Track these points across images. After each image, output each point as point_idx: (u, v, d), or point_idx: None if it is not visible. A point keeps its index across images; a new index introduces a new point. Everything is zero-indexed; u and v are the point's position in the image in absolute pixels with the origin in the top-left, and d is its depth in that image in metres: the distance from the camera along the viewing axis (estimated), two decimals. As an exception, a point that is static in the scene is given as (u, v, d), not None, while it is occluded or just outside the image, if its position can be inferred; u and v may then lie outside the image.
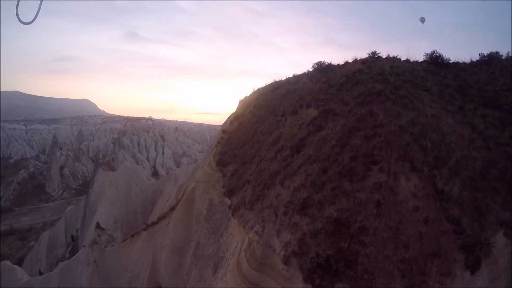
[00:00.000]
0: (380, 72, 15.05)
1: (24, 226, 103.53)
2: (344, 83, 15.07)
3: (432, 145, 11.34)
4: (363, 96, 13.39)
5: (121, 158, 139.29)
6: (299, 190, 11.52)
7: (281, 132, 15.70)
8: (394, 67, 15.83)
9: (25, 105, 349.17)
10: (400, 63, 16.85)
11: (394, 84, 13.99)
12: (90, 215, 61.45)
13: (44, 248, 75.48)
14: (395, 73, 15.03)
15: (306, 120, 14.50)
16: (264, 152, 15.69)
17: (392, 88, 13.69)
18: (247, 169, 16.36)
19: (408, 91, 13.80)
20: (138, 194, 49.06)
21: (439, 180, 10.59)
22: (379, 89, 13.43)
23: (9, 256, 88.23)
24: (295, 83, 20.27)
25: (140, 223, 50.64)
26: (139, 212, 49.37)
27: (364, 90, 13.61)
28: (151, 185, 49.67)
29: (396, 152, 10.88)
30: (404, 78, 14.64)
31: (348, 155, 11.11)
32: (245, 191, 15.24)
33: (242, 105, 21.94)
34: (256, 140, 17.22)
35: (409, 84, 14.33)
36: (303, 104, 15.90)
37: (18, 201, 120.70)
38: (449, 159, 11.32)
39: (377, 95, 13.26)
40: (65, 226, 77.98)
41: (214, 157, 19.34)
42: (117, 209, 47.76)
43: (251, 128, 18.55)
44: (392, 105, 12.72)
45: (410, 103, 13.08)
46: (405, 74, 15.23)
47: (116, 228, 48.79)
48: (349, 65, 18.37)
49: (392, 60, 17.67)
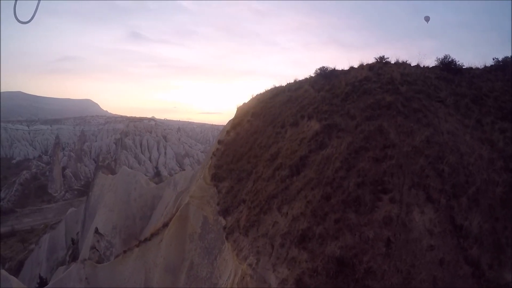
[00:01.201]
0: (390, 81, 13.52)
1: (25, 228, 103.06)
2: (350, 93, 13.58)
3: (449, 169, 9.82)
4: (371, 109, 11.89)
5: (123, 159, 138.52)
6: (298, 220, 10.10)
7: (280, 146, 14.26)
8: (404, 75, 14.29)
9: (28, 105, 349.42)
10: (410, 70, 15.29)
11: (406, 95, 12.46)
12: (90, 219, 60.50)
13: (44, 251, 74.81)
14: (406, 82, 13.49)
15: (308, 134, 13.04)
16: (261, 169, 14.27)
17: (403, 99, 12.17)
18: (243, 187, 14.99)
19: (421, 103, 12.29)
20: (137, 199, 47.88)
21: (457, 212, 9.08)
22: (389, 101, 11.92)
23: (10, 259, 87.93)
24: (296, 90, 18.80)
25: (139, 228, 49.56)
26: (138, 218, 48.24)
27: (372, 102, 12.11)
28: (150, 190, 48.46)
29: (410, 178, 9.38)
30: (417, 88, 13.11)
31: (354, 181, 9.63)
32: (240, 212, 13.92)
33: (239, 112, 20.51)
34: (253, 154, 15.80)
35: (422, 95, 12.80)
36: (304, 115, 14.45)
37: (20, 202, 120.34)
38: (468, 185, 9.80)
39: (387, 108, 11.75)
40: (66, 229, 77.21)
41: (209, 171, 17.97)
42: (115, 215, 46.62)
43: (248, 139, 17.12)
44: (404, 121, 11.21)
45: (424, 118, 11.56)
46: (417, 82, 13.69)
47: (114, 234, 47.74)
48: (354, 71, 16.88)
49: (402, 66, 16.14)
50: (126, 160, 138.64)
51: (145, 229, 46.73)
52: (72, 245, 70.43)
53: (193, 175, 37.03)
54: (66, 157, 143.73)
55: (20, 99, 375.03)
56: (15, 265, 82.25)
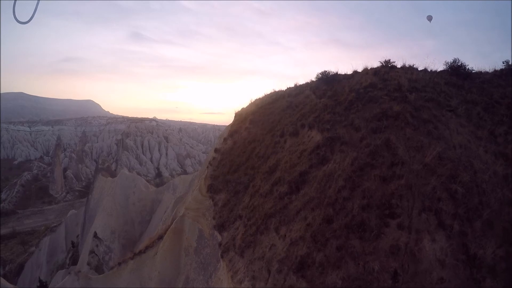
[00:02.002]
0: (397, 88, 12.53)
1: (26, 229, 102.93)
2: (354, 101, 12.60)
3: (463, 189, 8.83)
4: (378, 119, 10.92)
5: (124, 159, 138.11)
6: (297, 244, 9.18)
7: (278, 158, 13.34)
8: (412, 81, 13.31)
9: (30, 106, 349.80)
10: (418, 75, 14.29)
11: (415, 103, 11.47)
12: (90, 222, 59.89)
13: (44, 254, 74.48)
14: (415, 89, 12.51)
15: (308, 146, 12.10)
16: (259, 182, 13.36)
17: (412, 109, 11.19)
18: (239, 201, 14.09)
19: (431, 113, 11.31)
20: (135, 203, 47.09)
21: (471, 239, 8.11)
22: (397, 110, 10.94)
23: (10, 261, 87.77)
24: (297, 96, 17.86)
25: (138, 233, 48.77)
26: (137, 222, 47.45)
27: (379, 112, 11.13)
28: (149, 194, 47.64)
29: (420, 201, 8.43)
30: (426, 96, 12.12)
31: (359, 203, 8.69)
32: (236, 228, 13.06)
33: (237, 118, 19.58)
34: (251, 165, 14.88)
35: (432, 104, 11.82)
36: (305, 124, 13.50)
37: (21, 203, 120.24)
38: (482, 207, 8.81)
39: (395, 118, 10.78)
40: (66, 232, 76.83)
41: (205, 182, 17.07)
42: (114, 220, 45.86)
43: (246, 149, 16.21)
44: (413, 133, 10.25)
45: (435, 130, 10.59)
46: (426, 89, 12.70)
47: (113, 239, 47.00)
48: (358, 76, 15.91)
49: (409, 70, 15.16)
50: (127, 161, 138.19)
51: (144, 234, 45.98)
52: (72, 248, 69.92)
53: (192, 179, 36.16)
54: (67, 158, 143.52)
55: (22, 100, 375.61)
56: (15, 268, 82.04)
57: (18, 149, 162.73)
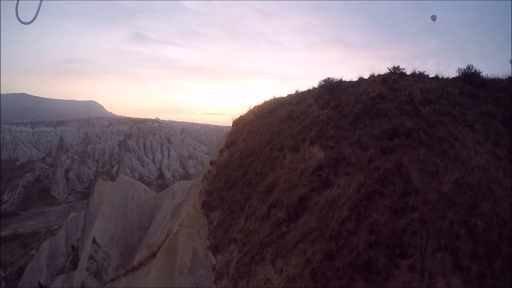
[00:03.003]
0: (409, 99, 11.31)
1: (28, 231, 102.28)
2: (361, 114, 11.40)
3: (483, 223, 7.62)
4: (388, 137, 9.72)
5: (127, 161, 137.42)
6: (295, 281, 8.05)
7: (277, 176, 12.17)
8: (425, 91, 12.07)
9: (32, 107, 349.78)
10: (431, 84, 13.02)
11: (429, 118, 10.27)
12: (90, 226, 58.99)
13: (44, 257, 73.68)
14: (428, 101, 11.30)
15: (310, 164, 10.93)
16: (255, 203, 12.22)
17: (426, 125, 9.99)
18: (234, 222, 12.97)
19: (447, 129, 10.11)
20: (134, 209, 46.05)
21: (489, 281, 6.92)
22: (410, 127, 9.74)
23: (11, 264, 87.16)
24: (298, 104, 16.67)
25: (137, 239, 47.72)
26: (136, 228, 46.41)
27: (389, 128, 9.93)
28: (148, 200, 46.58)
29: (435, 238, 7.25)
30: (441, 109, 10.92)
31: (365, 238, 7.53)
32: (230, 252, 11.98)
33: (235, 128, 18.42)
34: (247, 181, 13.73)
35: (447, 118, 10.61)
36: (306, 139, 12.33)
37: (23, 204, 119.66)
38: (502, 242, 7.61)
39: (407, 136, 9.58)
40: (66, 235, 76.02)
41: (200, 197, 15.97)
42: (112, 226, 44.85)
43: (243, 163, 15.05)
44: (428, 154, 9.05)
45: (451, 150, 9.39)
46: (441, 101, 11.48)
47: (112, 246, 46.00)
48: (365, 84, 14.68)
49: (420, 78, 13.91)
50: (130, 162, 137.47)
51: (143, 240, 44.95)
52: (73, 251, 69.14)
53: (191, 186, 35.07)
54: (69, 159, 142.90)
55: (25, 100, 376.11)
56: (15, 271, 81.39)
57: (20, 150, 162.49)
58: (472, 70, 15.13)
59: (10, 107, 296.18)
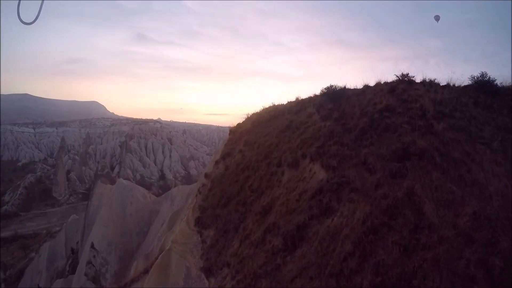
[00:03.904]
0: (420, 113, 10.20)
1: (29, 232, 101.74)
2: (367, 129, 10.30)
3: (501, 262, 6.51)
4: (398, 158, 8.62)
5: (128, 162, 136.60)
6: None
7: (274, 196, 11.12)
8: (437, 103, 10.95)
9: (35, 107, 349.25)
10: (443, 94, 11.88)
11: (443, 136, 9.16)
12: (89, 229, 58.18)
13: (44, 260, 73.00)
14: (442, 114, 10.19)
15: (310, 186, 9.86)
16: (250, 225, 11.18)
17: (440, 144, 8.89)
18: (228, 243, 11.94)
19: (463, 149, 9.00)
20: (133, 214, 45.14)
21: None
22: (423, 147, 8.64)
23: (11, 266, 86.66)
24: (298, 113, 15.62)
25: (135, 245, 46.80)
26: (135, 234, 45.50)
27: (399, 148, 8.82)
28: (147, 205, 45.64)
29: (449, 281, 6.15)
30: (455, 124, 9.81)
31: (370, 280, 6.45)
32: (223, 277, 10.99)
33: (231, 137, 17.38)
34: (243, 199, 12.69)
35: (463, 135, 9.51)
36: (307, 155, 11.27)
37: (24, 205, 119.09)
38: None
39: (420, 157, 8.48)
40: (66, 238, 75.29)
41: (193, 213, 14.98)
42: (110, 231, 43.98)
43: (239, 177, 14.02)
44: (442, 179, 7.95)
45: (468, 174, 8.27)
46: (455, 115, 10.37)
47: (110, 251, 45.13)
48: (370, 92, 13.57)
49: (432, 87, 12.80)
50: (131, 163, 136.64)
51: (141, 245, 44.05)
52: (72, 254, 68.44)
53: (189, 193, 34.12)
54: (70, 160, 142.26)
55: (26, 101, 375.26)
56: (15, 273, 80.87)
57: (22, 150, 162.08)
58: (486, 78, 14.04)
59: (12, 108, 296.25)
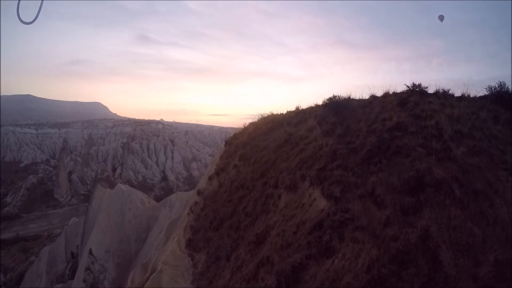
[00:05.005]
0: (436, 133, 8.92)
1: (30, 234, 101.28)
2: (375, 151, 9.06)
3: None
4: (411, 191, 7.40)
5: (130, 163, 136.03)
6: None
7: (269, 224, 9.95)
8: (453, 119, 9.68)
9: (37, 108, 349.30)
10: (460, 109, 10.54)
11: (463, 163, 7.92)
12: (88, 234, 57.46)
13: (44, 264, 72.40)
14: (460, 134, 8.94)
15: (308, 216, 8.68)
16: (243, 254, 10.02)
17: (460, 172, 7.67)
18: (220, 273, 10.81)
19: (484, 177, 7.78)
20: (131, 220, 44.17)
21: None
22: (440, 177, 7.42)
23: (11, 269, 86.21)
24: (298, 125, 14.43)
25: (134, 252, 45.84)
26: (133, 240, 44.53)
27: (412, 177, 7.59)
28: (146, 211, 44.64)
29: None
30: (475, 146, 8.57)
31: None
32: (213, 312, 9.81)
33: (227, 150, 16.25)
34: (236, 223, 11.54)
35: (484, 160, 8.27)
36: (306, 177, 10.10)
37: (26, 207, 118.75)
38: None
39: (436, 189, 7.28)
40: (66, 241, 74.63)
41: (185, 234, 13.89)
42: (108, 238, 43.05)
43: (232, 197, 12.87)
44: (462, 217, 6.75)
45: (490, 209, 7.06)
46: (474, 135, 9.12)
47: (108, 258, 44.21)
48: (378, 104, 12.30)
49: (447, 100, 11.53)
50: (133, 164, 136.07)
51: (140, 252, 43.14)
52: (72, 258, 67.73)
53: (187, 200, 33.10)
54: (72, 161, 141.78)
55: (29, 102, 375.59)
56: (15, 277, 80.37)
57: (24, 151, 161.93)
58: (504, 89, 12.81)
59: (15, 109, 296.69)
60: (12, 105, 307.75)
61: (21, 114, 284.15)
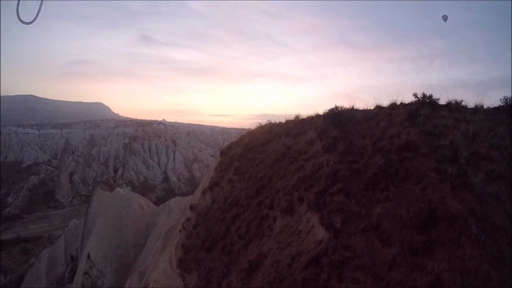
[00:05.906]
0: (451, 154, 7.97)
1: (31, 234, 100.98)
2: (381, 175, 8.13)
3: None
4: (422, 224, 6.52)
5: (131, 164, 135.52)
6: None
7: (263, 250, 9.09)
8: (469, 137, 8.73)
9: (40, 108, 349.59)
10: (475, 124, 9.56)
11: (480, 192, 6.98)
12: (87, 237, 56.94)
13: (44, 266, 71.92)
14: (477, 156, 7.99)
15: (305, 247, 7.79)
16: (234, 282, 9.19)
17: (477, 203, 6.76)
18: (210, 301, 9.94)
19: (502, 209, 6.85)
20: (129, 226, 43.46)
21: None
22: (456, 211, 6.52)
23: (12, 271, 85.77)
24: (297, 137, 13.53)
25: (132, 257, 45.13)
26: (131, 246, 43.81)
27: (424, 209, 6.68)
28: (144, 216, 43.92)
29: None
30: (493, 170, 7.63)
31: None
32: None
33: (221, 162, 15.39)
34: (229, 246, 10.69)
35: (502, 188, 7.32)
36: (304, 200, 9.22)
37: (27, 208, 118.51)
38: None
39: (450, 225, 6.39)
40: (65, 244, 74.12)
41: (176, 252, 13.08)
42: (106, 243, 42.36)
43: (226, 215, 12.01)
44: (478, 258, 5.87)
45: (508, 247, 6.15)
46: (492, 156, 8.16)
47: (106, 264, 43.55)
48: (384, 117, 11.30)
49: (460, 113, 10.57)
50: (135, 165, 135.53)
51: (138, 258, 42.45)
52: (71, 261, 67.23)
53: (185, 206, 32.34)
54: (74, 162, 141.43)
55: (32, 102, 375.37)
56: (15, 279, 79.96)
57: (26, 152, 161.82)
58: (518, 100, 11.84)
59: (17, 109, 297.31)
60: (14, 105, 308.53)
61: (23, 114, 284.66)
